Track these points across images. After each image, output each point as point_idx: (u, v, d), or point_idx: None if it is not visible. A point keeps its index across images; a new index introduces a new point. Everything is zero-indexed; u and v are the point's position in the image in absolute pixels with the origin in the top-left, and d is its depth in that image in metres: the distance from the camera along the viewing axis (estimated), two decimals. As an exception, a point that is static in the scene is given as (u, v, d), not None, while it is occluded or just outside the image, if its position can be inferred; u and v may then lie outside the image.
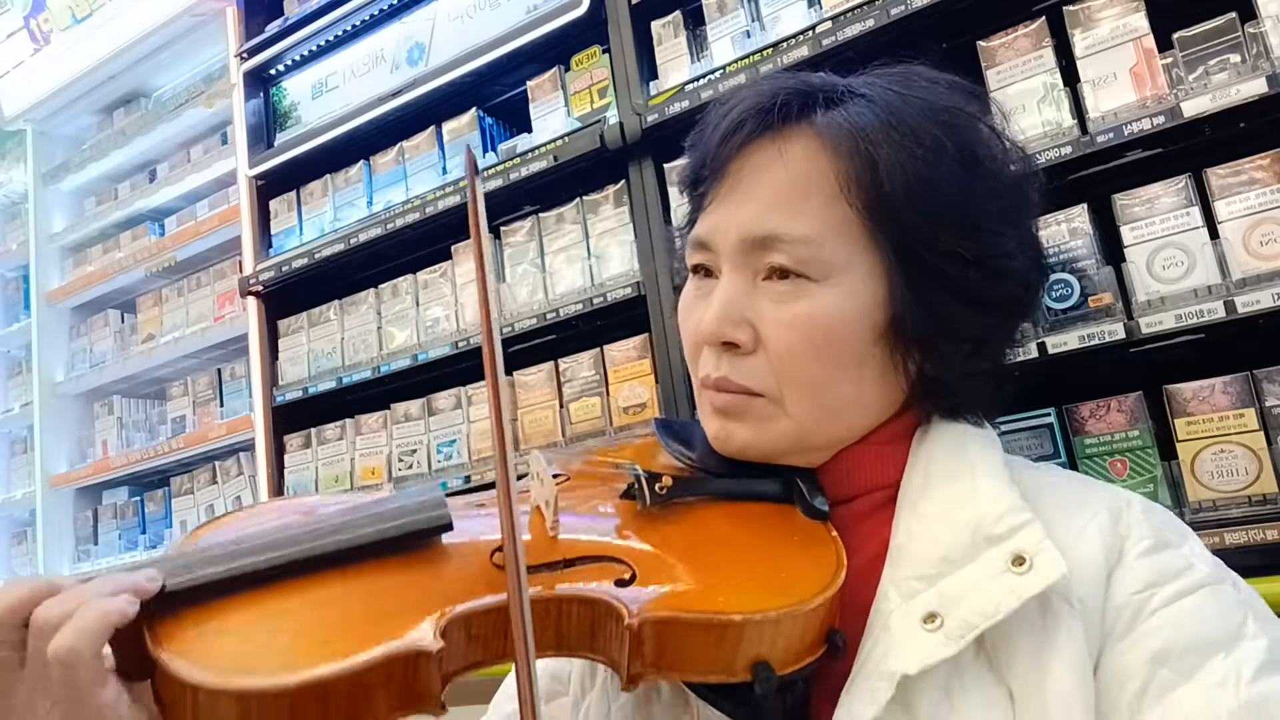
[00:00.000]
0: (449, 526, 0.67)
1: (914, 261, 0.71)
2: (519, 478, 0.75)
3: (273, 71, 2.77)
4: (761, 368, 0.72)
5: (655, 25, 2.01)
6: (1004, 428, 1.53)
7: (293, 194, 2.65)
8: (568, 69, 2.18)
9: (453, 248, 2.29)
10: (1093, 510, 0.69)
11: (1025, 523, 0.65)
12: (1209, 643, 0.62)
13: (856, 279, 0.71)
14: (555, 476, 0.78)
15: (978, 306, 0.72)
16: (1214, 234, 1.38)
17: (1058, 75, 1.54)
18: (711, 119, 0.78)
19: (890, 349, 0.72)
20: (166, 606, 0.59)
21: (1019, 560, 0.63)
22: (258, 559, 0.62)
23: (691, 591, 0.63)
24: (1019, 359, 1.53)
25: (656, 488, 0.71)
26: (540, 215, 2.17)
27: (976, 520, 0.66)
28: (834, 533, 0.69)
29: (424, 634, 0.57)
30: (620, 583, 0.63)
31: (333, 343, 2.48)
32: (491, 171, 2.16)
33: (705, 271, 0.77)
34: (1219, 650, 0.62)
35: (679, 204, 1.88)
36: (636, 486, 0.71)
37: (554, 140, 2.09)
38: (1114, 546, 0.67)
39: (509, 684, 0.88)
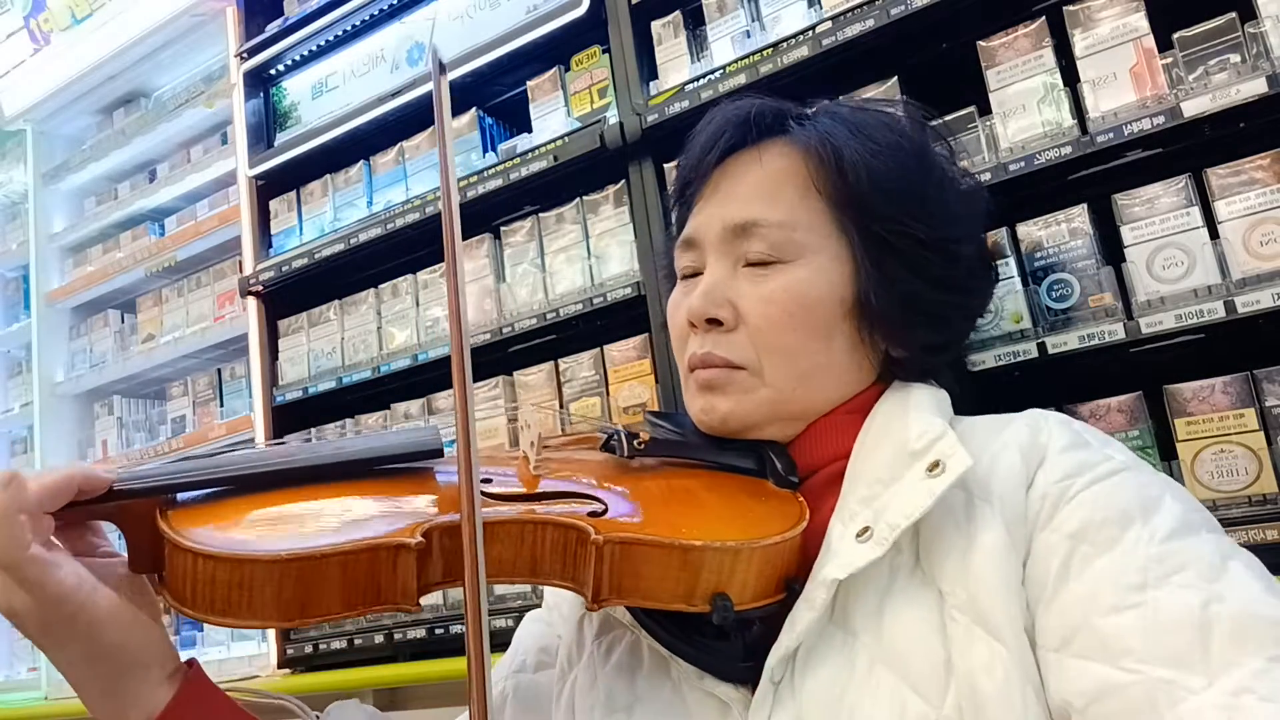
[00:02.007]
0: (439, 452, 0.74)
1: (876, 242, 0.80)
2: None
3: (273, 71, 2.77)
4: (742, 342, 0.80)
5: (655, 25, 2.01)
6: (1004, 428, 1.53)
7: (293, 194, 2.65)
8: (568, 69, 2.18)
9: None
10: (1013, 429, 0.75)
11: (940, 434, 0.72)
12: (1125, 515, 0.66)
13: (826, 259, 0.80)
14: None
15: (935, 284, 0.82)
16: (1214, 234, 1.38)
17: (1058, 75, 1.54)
18: (696, 134, 0.89)
19: (857, 324, 0.81)
20: (180, 502, 0.66)
21: (934, 466, 0.70)
22: (267, 464, 0.69)
23: (658, 522, 0.69)
24: (1019, 359, 1.53)
25: (635, 442, 0.79)
26: (540, 215, 2.17)
27: (901, 441, 0.74)
28: (801, 499, 0.76)
29: (407, 532, 0.63)
30: (593, 514, 0.69)
31: (333, 343, 2.48)
32: (491, 171, 2.16)
33: (692, 274, 0.86)
34: (1135, 521, 0.65)
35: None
36: (616, 439, 0.79)
37: (554, 140, 2.09)
38: (1034, 452, 0.72)
39: (509, 651, 0.95)
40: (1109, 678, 0.60)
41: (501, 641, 0.97)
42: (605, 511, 0.69)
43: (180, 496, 0.67)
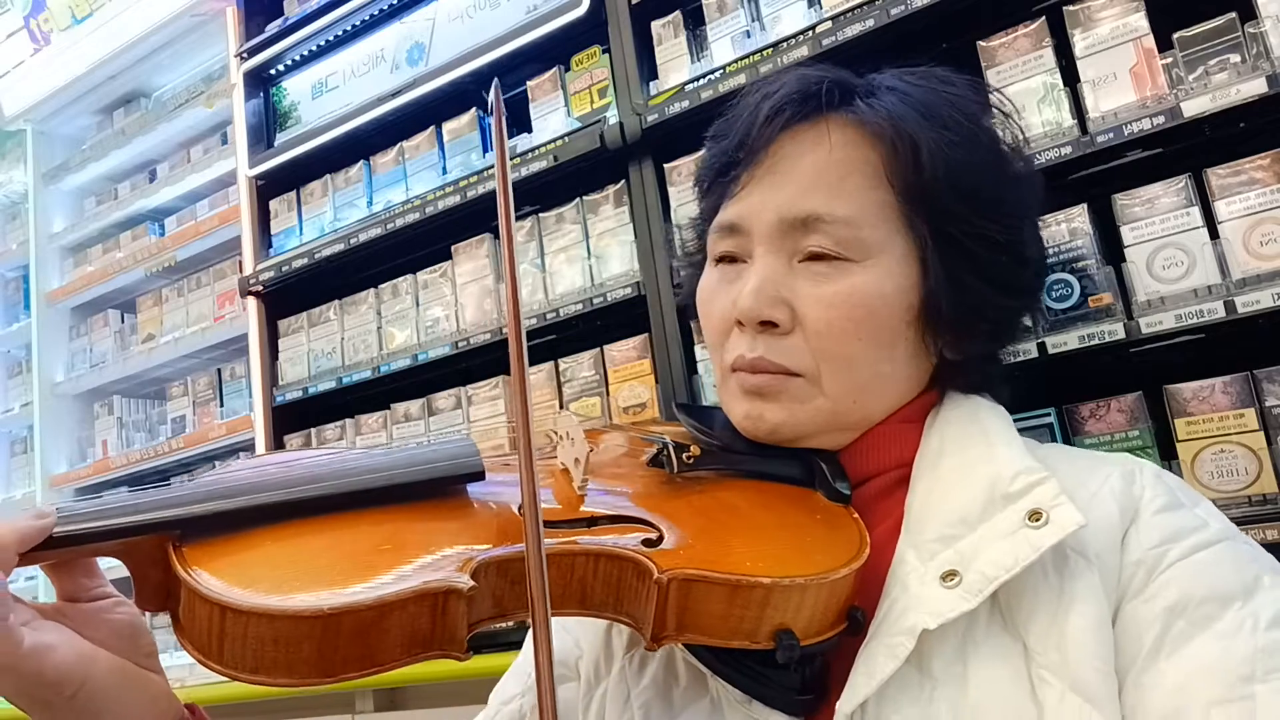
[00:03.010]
0: (480, 475, 0.66)
1: (949, 244, 0.73)
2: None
3: (273, 71, 2.77)
4: (799, 347, 0.73)
5: (655, 25, 2.01)
6: (1004, 428, 1.53)
7: (293, 194, 2.65)
8: (568, 69, 2.18)
9: (453, 248, 2.29)
10: (1106, 474, 0.70)
11: (1041, 480, 0.66)
12: (1225, 594, 0.62)
13: (894, 260, 0.73)
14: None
15: (1004, 290, 0.75)
16: (1214, 234, 1.38)
17: (1058, 75, 1.54)
18: (746, 106, 0.79)
19: (921, 330, 0.75)
20: (195, 532, 0.58)
21: (1035, 515, 0.64)
22: (291, 491, 0.61)
23: (719, 554, 0.63)
24: (1019, 359, 1.53)
25: (684, 456, 0.72)
26: (540, 215, 2.17)
27: (992, 480, 0.67)
28: (855, 515, 0.70)
29: (456, 574, 0.57)
30: (648, 542, 0.63)
31: (333, 343, 2.48)
32: (492, 171, 2.16)
33: (730, 259, 0.77)
34: (1235, 601, 0.61)
35: (680, 203, 1.88)
36: (665, 453, 0.72)
37: (554, 140, 2.09)
38: (1129, 506, 0.67)
39: (507, 679, 0.88)
40: None
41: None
42: (660, 540, 0.63)
43: (196, 528, 0.59)
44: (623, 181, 2.03)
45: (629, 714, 0.74)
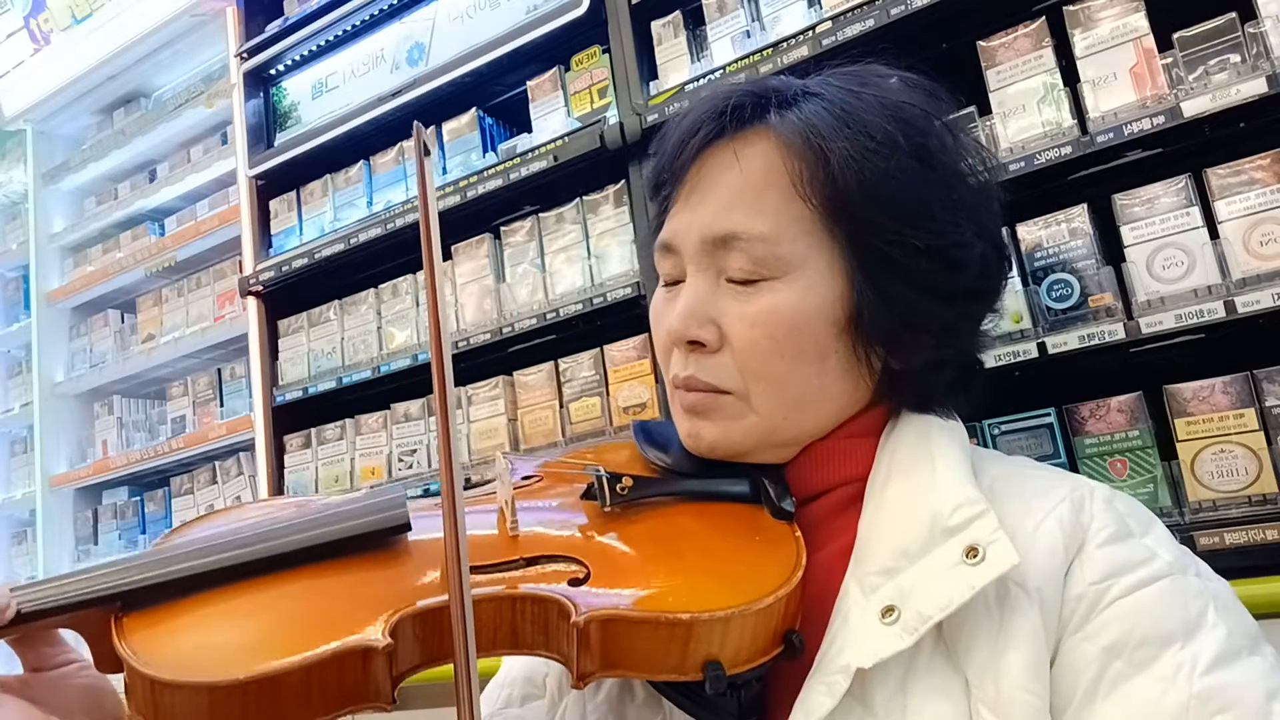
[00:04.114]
0: (406, 527, 0.68)
1: (870, 254, 0.72)
2: (487, 481, 0.77)
3: (273, 71, 2.77)
4: (727, 365, 0.73)
5: (655, 25, 2.01)
6: (1004, 428, 1.53)
7: (293, 194, 2.65)
8: (568, 69, 2.18)
9: (453, 248, 2.29)
10: (1054, 501, 0.69)
11: (980, 514, 0.65)
12: (1165, 635, 0.61)
13: (815, 274, 0.72)
14: (526, 478, 0.80)
15: (937, 297, 0.73)
16: (1214, 234, 1.38)
17: (1058, 75, 1.54)
18: (670, 126, 0.80)
19: (852, 343, 0.73)
20: (135, 603, 0.63)
21: (972, 551, 0.63)
22: (222, 557, 0.65)
23: (642, 590, 0.64)
24: (1019, 359, 1.53)
25: (617, 488, 0.72)
26: (540, 215, 2.17)
27: (933, 512, 0.67)
28: (798, 533, 0.70)
29: (374, 631, 0.59)
30: (574, 581, 0.64)
31: (333, 343, 2.48)
32: (491, 171, 2.16)
33: (673, 280, 0.78)
34: (1174, 642, 0.61)
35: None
36: (596, 486, 0.72)
37: (554, 140, 2.09)
38: (1075, 537, 0.66)
39: (494, 681, 0.89)
40: None
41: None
42: (587, 577, 0.64)
43: (132, 590, 0.64)
44: (623, 181, 2.03)
45: None
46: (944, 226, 0.72)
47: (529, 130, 2.22)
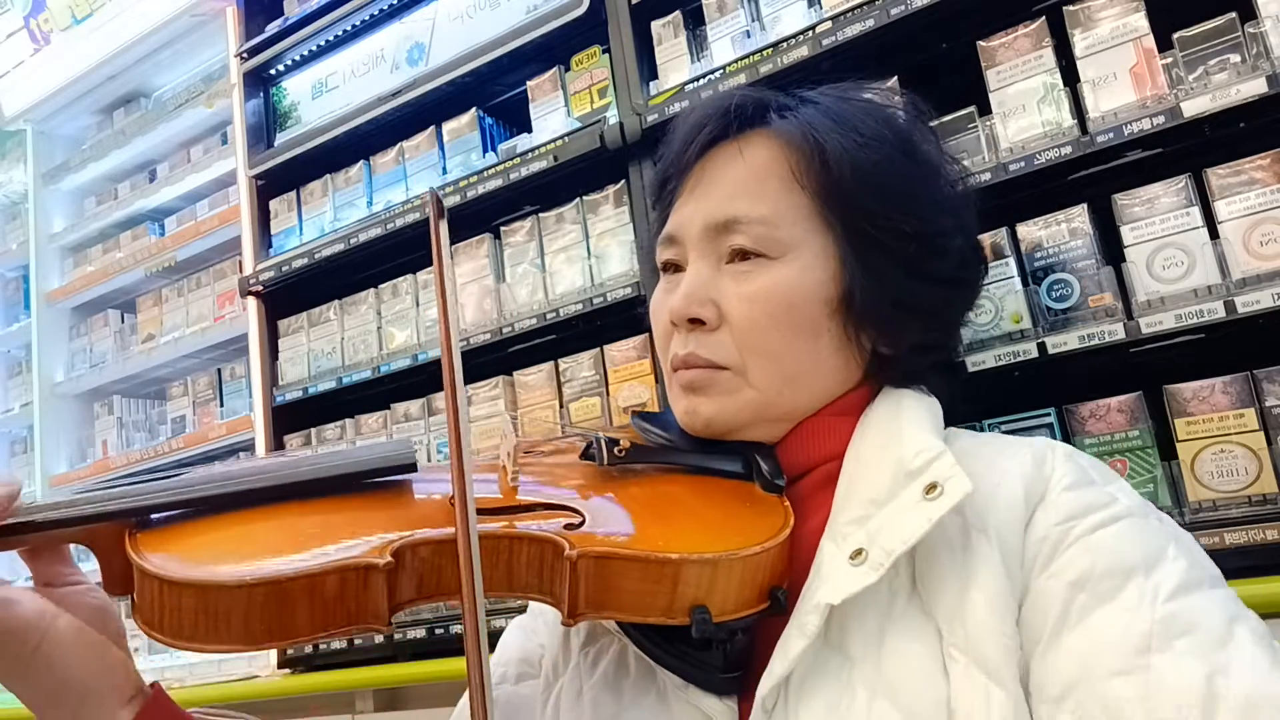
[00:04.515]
0: (413, 467, 0.72)
1: (862, 238, 0.78)
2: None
3: (273, 71, 2.77)
4: (725, 342, 0.78)
5: (655, 25, 2.01)
6: (1004, 428, 1.53)
7: (293, 194, 2.65)
8: (568, 69, 2.18)
9: (453, 247, 2.29)
10: (1017, 456, 0.72)
11: (938, 454, 0.69)
12: (1128, 567, 0.64)
13: (811, 255, 0.78)
14: (530, 443, 0.85)
15: (924, 279, 0.79)
16: (1214, 234, 1.38)
17: (1058, 75, 1.54)
18: (679, 126, 0.86)
19: (844, 322, 0.78)
20: (150, 522, 0.65)
21: (931, 488, 0.67)
22: (239, 484, 0.68)
23: (635, 533, 0.67)
24: (1019, 359, 1.53)
25: (615, 450, 0.77)
26: (540, 215, 2.17)
27: (897, 460, 0.71)
28: (787, 503, 0.73)
29: (376, 552, 0.62)
30: (569, 526, 0.67)
31: (333, 343, 2.48)
32: (491, 171, 2.16)
33: (674, 268, 0.84)
34: (1137, 574, 0.63)
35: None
36: (595, 447, 0.77)
37: (554, 140, 2.09)
38: (1036, 487, 0.70)
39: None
40: None
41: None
42: (582, 524, 0.67)
43: (152, 517, 0.66)
44: (623, 181, 2.03)
45: (581, 706, 0.78)
46: (929, 213, 0.80)
47: (529, 130, 2.22)
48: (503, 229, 2.22)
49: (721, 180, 0.80)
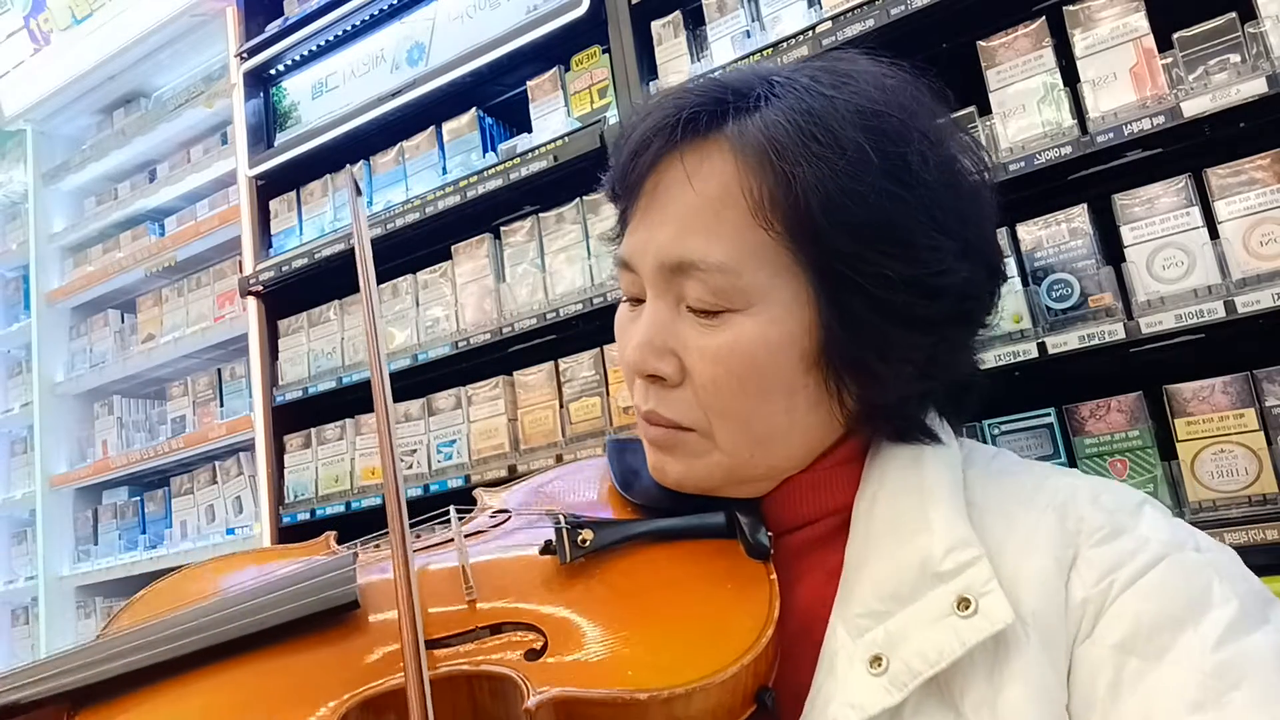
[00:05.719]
0: (355, 605, 0.66)
1: (839, 284, 0.66)
2: (454, 516, 0.75)
3: (273, 71, 2.77)
4: (689, 400, 0.68)
5: (655, 25, 2.01)
6: (1004, 428, 1.53)
7: (293, 194, 2.65)
8: (568, 69, 2.18)
9: (453, 248, 2.29)
10: (1039, 512, 0.66)
11: (973, 560, 0.62)
12: (1175, 619, 0.59)
13: (780, 306, 0.66)
14: (501, 512, 0.78)
15: (914, 327, 0.67)
16: (1214, 234, 1.38)
17: (1058, 75, 1.54)
18: (625, 133, 0.74)
19: (823, 376, 0.68)
20: (84, 700, 0.63)
21: (964, 603, 0.60)
22: (168, 649, 0.65)
23: (600, 663, 0.61)
24: (1019, 359, 1.53)
25: (578, 541, 0.68)
26: (540, 215, 2.17)
27: (924, 555, 0.63)
28: (773, 575, 0.66)
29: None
30: (531, 654, 0.62)
31: (333, 343, 2.48)
32: (491, 171, 2.16)
33: (634, 296, 0.74)
34: (1186, 626, 0.59)
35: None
36: (556, 541, 0.69)
37: (554, 140, 2.09)
38: (1066, 551, 0.64)
39: None
40: None
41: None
42: (544, 648, 0.62)
43: (84, 688, 0.64)
44: (623, 181, 2.02)
45: None
46: (921, 254, 0.66)
47: (529, 130, 2.22)
48: (503, 229, 2.23)
49: (673, 207, 0.68)
